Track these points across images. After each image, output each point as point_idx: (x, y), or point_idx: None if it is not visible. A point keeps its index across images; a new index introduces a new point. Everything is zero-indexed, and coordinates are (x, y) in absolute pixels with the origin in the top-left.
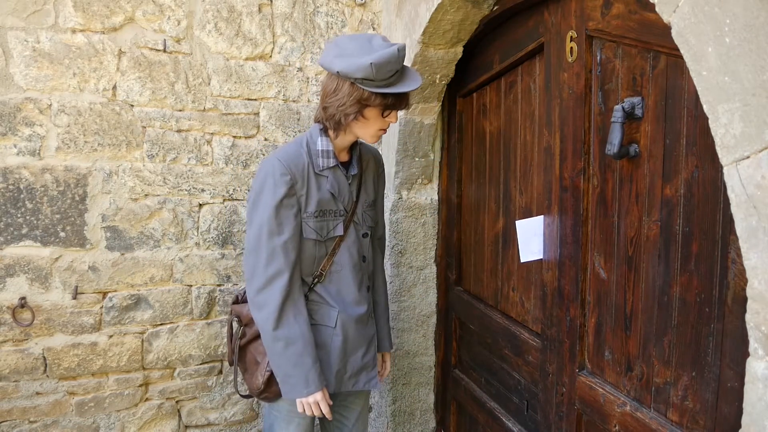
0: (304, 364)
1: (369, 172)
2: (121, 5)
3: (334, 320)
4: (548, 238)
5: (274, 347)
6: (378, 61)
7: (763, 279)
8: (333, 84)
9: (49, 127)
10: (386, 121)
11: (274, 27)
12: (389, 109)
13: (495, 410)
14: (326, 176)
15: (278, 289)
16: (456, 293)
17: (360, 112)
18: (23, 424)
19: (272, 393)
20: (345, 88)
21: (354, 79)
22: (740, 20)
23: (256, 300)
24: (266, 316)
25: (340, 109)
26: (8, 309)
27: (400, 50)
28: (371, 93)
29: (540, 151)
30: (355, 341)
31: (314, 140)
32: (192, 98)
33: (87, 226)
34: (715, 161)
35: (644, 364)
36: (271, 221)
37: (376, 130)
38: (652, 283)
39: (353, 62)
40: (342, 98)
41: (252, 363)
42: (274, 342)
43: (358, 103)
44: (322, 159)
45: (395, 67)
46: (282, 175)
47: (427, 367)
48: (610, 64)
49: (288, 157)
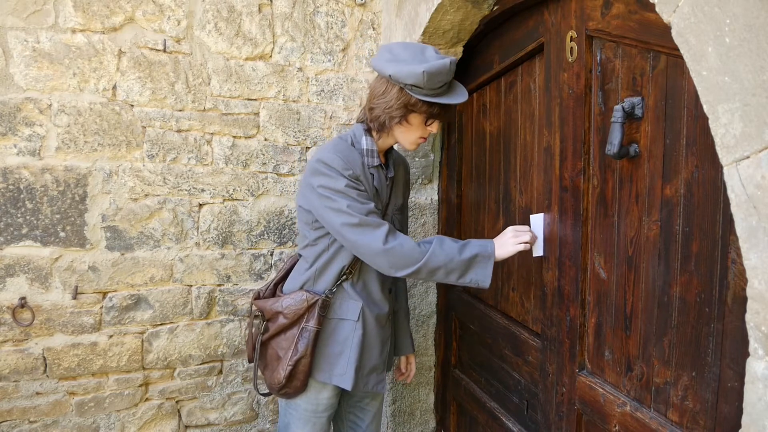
0: (464, 249)
1: (399, 177)
2: (121, 5)
3: (357, 314)
4: (548, 237)
5: (434, 265)
6: (430, 71)
7: (763, 279)
8: (382, 87)
9: (49, 127)
10: (428, 129)
11: (274, 27)
12: (433, 118)
13: (495, 410)
14: (373, 174)
15: (391, 234)
16: (456, 293)
17: (405, 116)
18: (23, 424)
19: (293, 388)
20: (394, 92)
21: (404, 85)
22: (740, 20)
23: (390, 252)
24: (406, 253)
25: (387, 111)
26: (8, 309)
27: (452, 63)
28: (418, 100)
29: (540, 151)
30: (374, 339)
31: (358, 139)
32: (192, 98)
33: (87, 226)
34: (715, 161)
35: (644, 364)
36: (352, 200)
37: (416, 137)
38: (652, 283)
39: (406, 68)
40: (390, 101)
41: (273, 358)
42: (427, 264)
43: (404, 107)
44: (367, 158)
45: (445, 78)
46: (344, 169)
47: (427, 367)
48: (610, 64)
49: (343, 153)
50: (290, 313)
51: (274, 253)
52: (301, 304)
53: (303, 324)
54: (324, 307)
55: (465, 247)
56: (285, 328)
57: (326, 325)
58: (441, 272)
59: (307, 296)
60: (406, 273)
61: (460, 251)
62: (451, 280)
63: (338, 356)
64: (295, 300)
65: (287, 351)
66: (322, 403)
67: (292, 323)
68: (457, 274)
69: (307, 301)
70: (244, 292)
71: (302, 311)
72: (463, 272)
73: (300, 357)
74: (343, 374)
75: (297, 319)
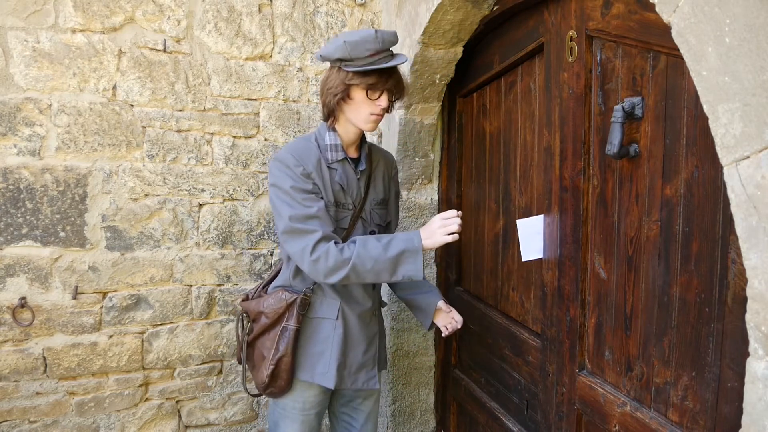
0: (389, 247)
1: (378, 171)
2: (121, 5)
3: (335, 312)
4: (548, 237)
5: (361, 269)
6: (351, 39)
7: (763, 279)
8: (326, 74)
9: (49, 127)
10: (375, 104)
11: (274, 27)
12: (372, 89)
13: (495, 410)
14: (336, 169)
15: (320, 243)
16: (456, 293)
17: (346, 92)
18: (23, 424)
19: (277, 388)
20: (333, 74)
21: (334, 61)
22: (740, 20)
23: (317, 263)
24: (331, 262)
25: (329, 92)
26: (8, 309)
27: (378, 31)
28: (353, 72)
29: (540, 151)
30: (357, 336)
31: (322, 136)
32: (192, 98)
33: (87, 226)
34: (715, 161)
35: (644, 364)
36: (295, 203)
37: (367, 114)
38: (652, 283)
39: (331, 44)
40: (330, 82)
41: (259, 358)
42: (354, 269)
43: (342, 83)
44: (330, 152)
45: (373, 46)
46: (296, 166)
47: (427, 367)
48: (610, 64)
49: (297, 150)
50: (271, 312)
51: (274, 253)
52: (281, 304)
53: (284, 323)
54: (303, 306)
55: (390, 244)
56: (267, 328)
57: (308, 324)
58: (370, 274)
59: (286, 296)
60: (335, 280)
61: (386, 249)
62: (383, 279)
63: (320, 355)
64: (276, 299)
65: (270, 350)
66: (308, 401)
67: (273, 323)
68: (388, 274)
69: (286, 300)
70: (244, 292)
71: (282, 310)
72: (392, 270)
73: (281, 356)
74: (326, 373)
75: (278, 319)
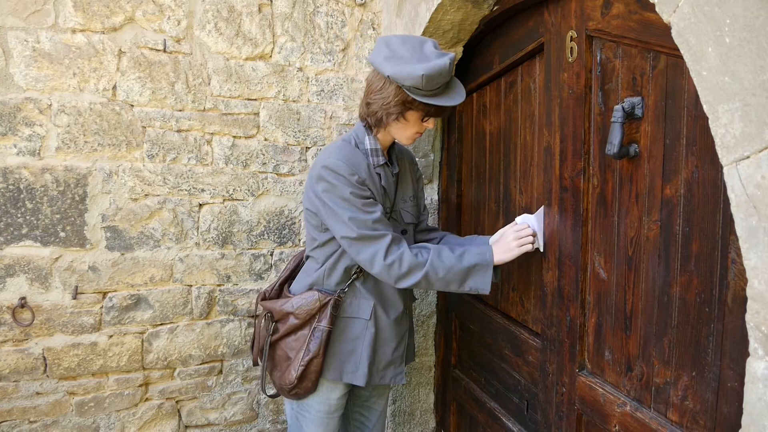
0: (462, 259)
1: (405, 171)
2: (121, 5)
3: (368, 312)
4: (548, 238)
5: (433, 276)
6: (429, 73)
7: (763, 279)
8: (380, 83)
9: (49, 127)
10: (424, 125)
11: (274, 27)
12: (430, 116)
13: (495, 410)
14: (380, 173)
15: (392, 246)
16: (456, 293)
17: (402, 113)
18: (23, 424)
19: (303, 389)
20: (391, 89)
21: (402, 85)
22: (740, 20)
23: (390, 268)
24: (405, 268)
25: (384, 108)
26: (8, 309)
27: (451, 62)
28: (418, 101)
29: (540, 151)
30: (388, 335)
31: (361, 139)
32: (192, 98)
33: (87, 226)
34: (715, 161)
35: (644, 364)
36: (356, 209)
37: (413, 133)
38: (652, 283)
39: (405, 69)
40: (387, 98)
41: (283, 359)
42: (427, 275)
43: (402, 105)
44: (372, 157)
45: (444, 80)
46: (350, 174)
47: (427, 367)
48: (610, 64)
49: (347, 157)
50: (302, 313)
51: (274, 253)
52: (314, 304)
53: (315, 324)
54: (336, 307)
55: (463, 256)
56: (296, 329)
57: (336, 323)
58: (440, 282)
59: (320, 296)
60: (406, 285)
61: (459, 260)
62: (451, 288)
63: (349, 354)
64: (307, 300)
65: (298, 351)
66: (333, 404)
67: (303, 323)
68: (457, 284)
69: (319, 300)
70: (244, 292)
71: (314, 311)
72: (462, 281)
73: (312, 357)
74: (355, 371)
75: (309, 320)
